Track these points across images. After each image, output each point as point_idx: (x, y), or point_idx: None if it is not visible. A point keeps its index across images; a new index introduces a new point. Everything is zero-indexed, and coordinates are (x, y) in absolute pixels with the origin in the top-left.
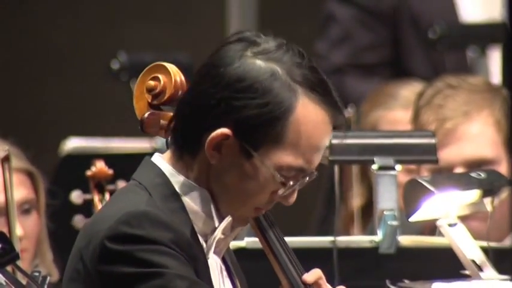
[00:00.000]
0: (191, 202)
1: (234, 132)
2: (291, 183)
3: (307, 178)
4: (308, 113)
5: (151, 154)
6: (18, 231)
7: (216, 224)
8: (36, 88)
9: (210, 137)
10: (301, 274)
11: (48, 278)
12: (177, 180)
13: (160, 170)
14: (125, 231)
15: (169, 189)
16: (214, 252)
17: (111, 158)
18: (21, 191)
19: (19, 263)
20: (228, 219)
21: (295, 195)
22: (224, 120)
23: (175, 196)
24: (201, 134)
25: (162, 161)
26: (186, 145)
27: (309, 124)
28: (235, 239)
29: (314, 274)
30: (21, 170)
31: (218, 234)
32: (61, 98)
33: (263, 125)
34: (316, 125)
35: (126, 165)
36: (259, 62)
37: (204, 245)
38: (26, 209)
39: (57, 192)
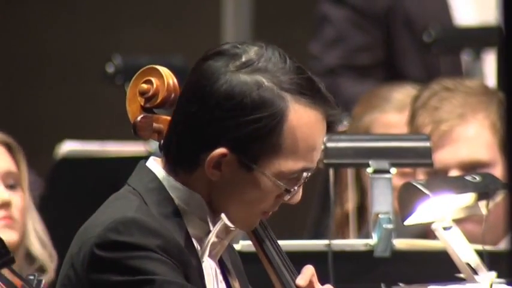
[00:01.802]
0: (185, 206)
1: (231, 149)
2: (296, 188)
3: (309, 174)
4: (301, 118)
5: (145, 158)
6: (5, 195)
7: (211, 227)
8: (31, 91)
9: (209, 158)
10: (295, 278)
11: (43, 280)
12: (170, 185)
13: (155, 174)
14: (113, 239)
15: (162, 194)
16: (210, 256)
17: (105, 162)
18: (1, 162)
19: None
20: (221, 223)
21: (300, 194)
22: (219, 139)
23: (169, 201)
24: (197, 153)
25: (157, 166)
26: (181, 163)
27: (303, 127)
28: (231, 242)
29: (306, 275)
30: None
31: (212, 237)
32: (56, 101)
33: (258, 138)
34: (310, 126)
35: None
36: (244, 77)
37: (199, 248)
38: (10, 184)
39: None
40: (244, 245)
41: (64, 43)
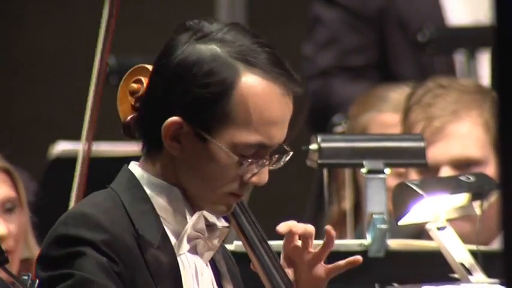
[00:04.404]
0: (163, 201)
1: (184, 118)
2: (249, 160)
3: (277, 156)
4: (252, 87)
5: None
6: (2, 229)
7: (188, 221)
8: (25, 91)
9: (162, 128)
10: (285, 279)
11: (37, 280)
12: (147, 181)
13: (132, 174)
14: (60, 232)
15: (138, 192)
16: (193, 253)
17: (99, 162)
18: (1, 190)
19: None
20: (197, 215)
21: (266, 174)
22: (174, 109)
23: (145, 198)
24: (159, 128)
25: (135, 166)
26: (149, 143)
27: (255, 98)
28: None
29: (286, 224)
30: None
31: (188, 230)
32: (50, 101)
33: (208, 106)
34: (264, 98)
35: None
36: (200, 46)
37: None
38: (8, 208)
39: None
40: (238, 245)
41: (58, 43)
